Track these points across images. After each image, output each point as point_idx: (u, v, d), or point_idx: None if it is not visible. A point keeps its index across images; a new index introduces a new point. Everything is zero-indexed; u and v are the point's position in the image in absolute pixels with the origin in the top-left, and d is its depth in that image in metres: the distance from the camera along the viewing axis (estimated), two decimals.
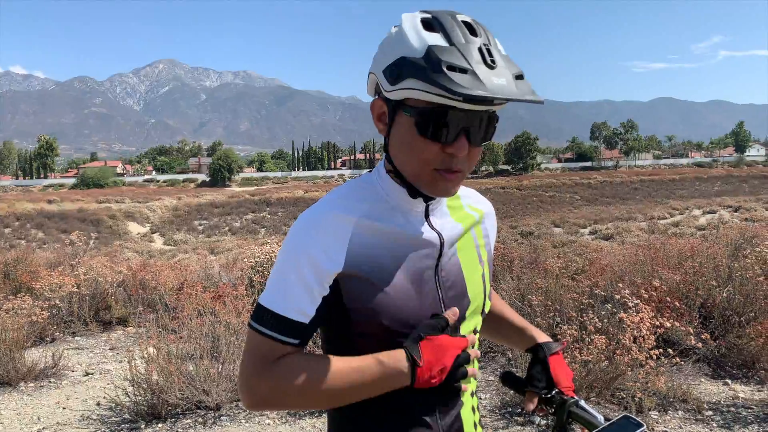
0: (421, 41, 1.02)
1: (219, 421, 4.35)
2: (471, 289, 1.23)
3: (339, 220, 1.11)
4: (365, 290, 1.11)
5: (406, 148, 1.09)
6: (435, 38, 1.02)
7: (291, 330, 1.10)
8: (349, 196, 1.16)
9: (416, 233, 1.16)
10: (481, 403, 4.45)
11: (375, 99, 1.14)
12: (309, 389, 1.08)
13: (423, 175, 1.10)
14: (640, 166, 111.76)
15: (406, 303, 1.13)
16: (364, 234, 1.12)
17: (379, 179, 1.19)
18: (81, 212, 57.21)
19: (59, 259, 10.01)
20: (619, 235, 29.31)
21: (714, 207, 43.22)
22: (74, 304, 7.29)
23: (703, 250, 6.53)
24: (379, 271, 1.12)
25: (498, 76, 0.99)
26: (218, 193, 77.18)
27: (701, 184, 79.95)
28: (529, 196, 69.83)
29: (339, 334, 1.17)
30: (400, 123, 1.08)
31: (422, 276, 1.16)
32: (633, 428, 1.15)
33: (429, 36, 1.03)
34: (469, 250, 1.25)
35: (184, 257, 23.66)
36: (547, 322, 4.95)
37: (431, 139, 1.05)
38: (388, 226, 1.14)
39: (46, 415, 4.68)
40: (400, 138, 1.09)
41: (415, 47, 1.02)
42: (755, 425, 3.86)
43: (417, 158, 1.08)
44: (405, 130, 1.08)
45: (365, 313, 1.11)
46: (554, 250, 13.93)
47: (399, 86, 1.03)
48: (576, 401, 1.27)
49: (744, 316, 5.02)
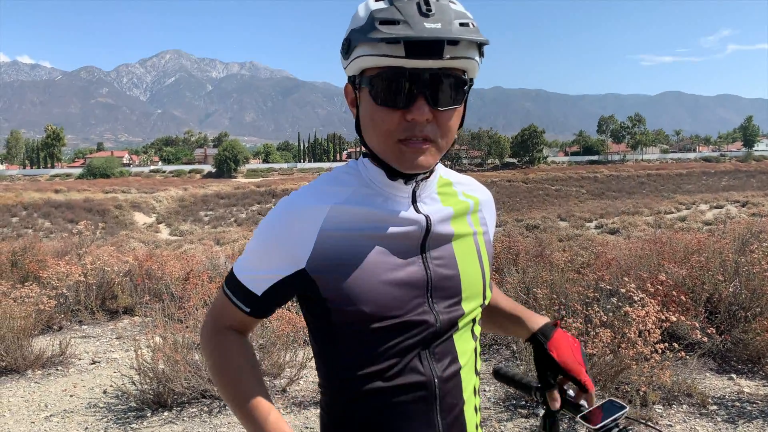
0: (366, 10, 1.04)
1: (224, 410, 4.38)
2: (465, 277, 1.18)
3: (309, 211, 1.11)
4: (341, 278, 1.08)
5: (369, 122, 1.07)
6: (379, 5, 1.03)
7: (244, 297, 1.18)
8: (328, 184, 1.16)
9: (399, 215, 1.12)
10: (485, 395, 4.46)
11: (346, 84, 1.13)
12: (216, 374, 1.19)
13: (389, 149, 1.07)
14: (647, 160, 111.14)
15: (387, 288, 1.09)
16: (338, 220, 1.10)
17: (362, 164, 1.17)
18: (87, 202, 57.47)
19: (66, 248, 10.07)
20: (625, 229, 29.23)
21: (721, 202, 43.02)
22: (81, 293, 7.33)
23: (709, 245, 6.51)
24: (354, 257, 1.09)
25: (433, 22, 0.97)
26: (224, 184, 77.33)
27: (708, 179, 79.56)
28: (535, 190, 69.66)
29: (320, 326, 1.15)
30: (362, 99, 1.08)
31: (406, 259, 1.12)
32: (616, 410, 1.20)
33: (374, 4, 1.03)
34: (465, 238, 1.20)
35: (190, 247, 23.74)
36: (552, 315, 4.95)
37: (388, 107, 1.03)
38: (368, 209, 1.11)
39: (54, 402, 4.72)
40: (364, 114, 1.09)
41: (361, 17, 1.04)
42: (760, 420, 3.86)
43: (380, 131, 1.06)
44: (366, 104, 1.07)
45: (343, 301, 1.09)
46: (560, 244, 13.91)
47: (351, 58, 1.05)
48: (564, 390, 1.32)
49: (750, 311, 5.00)
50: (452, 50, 0.98)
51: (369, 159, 1.15)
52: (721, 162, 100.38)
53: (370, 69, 1.04)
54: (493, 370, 1.51)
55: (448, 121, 1.06)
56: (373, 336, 1.09)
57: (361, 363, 1.11)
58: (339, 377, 1.14)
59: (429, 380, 1.12)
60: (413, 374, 1.11)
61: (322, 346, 1.16)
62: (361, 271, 1.09)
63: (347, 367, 1.12)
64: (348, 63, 1.06)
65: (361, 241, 1.10)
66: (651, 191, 69.23)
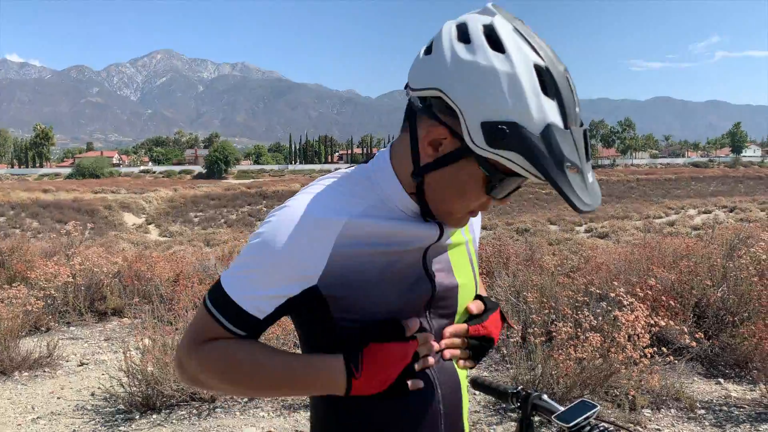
0: (539, 112, 0.88)
1: (214, 412, 4.36)
2: (462, 290, 1.17)
3: (323, 224, 1.01)
4: (355, 297, 1.03)
5: (456, 192, 1.01)
6: (553, 111, 0.89)
7: (242, 321, 1.03)
8: (341, 193, 1.06)
9: (415, 227, 1.07)
10: (475, 398, 4.47)
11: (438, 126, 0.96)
12: (233, 374, 1.03)
13: (456, 215, 1.05)
14: (636, 164, 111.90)
15: (395, 301, 1.06)
16: (354, 235, 1.02)
17: (381, 181, 1.07)
18: (76, 202, 57.00)
19: (54, 248, 9.96)
20: (614, 233, 29.35)
21: (709, 207, 43.33)
22: (69, 294, 7.27)
23: (698, 250, 6.56)
24: (370, 274, 1.03)
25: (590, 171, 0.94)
26: (214, 185, 76.95)
27: (697, 184, 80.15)
28: (525, 193, 69.82)
29: (320, 342, 1.09)
30: (464, 169, 0.97)
31: (413, 270, 1.08)
32: (588, 409, 1.24)
33: (548, 106, 0.89)
34: (459, 248, 1.18)
35: (180, 249, 23.61)
36: (542, 319, 4.97)
37: (488, 194, 0.99)
38: (387, 224, 1.04)
39: (41, 404, 4.68)
40: (454, 180, 0.99)
41: (532, 116, 0.88)
42: (747, 424, 3.89)
43: (464, 204, 1.03)
44: (466, 178, 0.98)
45: (355, 320, 1.04)
46: (550, 248, 13.95)
47: (498, 152, 0.90)
48: (539, 394, 1.38)
49: (738, 315, 5.05)
50: None
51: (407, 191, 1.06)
52: (709, 167, 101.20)
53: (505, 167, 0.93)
54: (470, 379, 1.53)
55: None
56: None
57: None
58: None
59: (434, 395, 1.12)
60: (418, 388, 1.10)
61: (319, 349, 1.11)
62: (376, 289, 1.04)
63: None
64: (488, 151, 0.90)
65: (377, 257, 1.04)
66: (640, 196, 69.65)
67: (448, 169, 0.99)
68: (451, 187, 1.00)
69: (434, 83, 0.94)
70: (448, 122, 0.95)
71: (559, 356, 4.06)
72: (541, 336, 4.43)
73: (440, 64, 0.94)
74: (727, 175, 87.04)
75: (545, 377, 4.17)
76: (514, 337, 4.69)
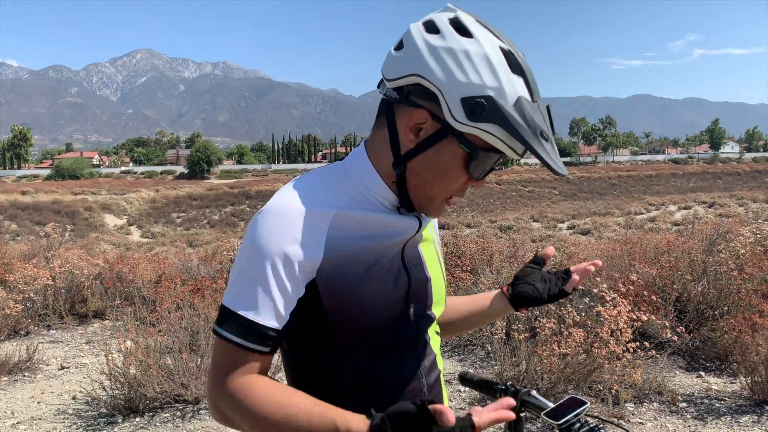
0: (511, 86, 0.97)
1: (198, 414, 4.32)
2: (434, 282, 1.20)
3: (315, 215, 1.02)
4: (345, 289, 1.04)
5: (438, 174, 1.04)
6: (521, 86, 0.98)
7: (261, 336, 0.99)
8: (323, 186, 1.08)
9: (396, 219, 1.10)
10: (460, 396, 4.48)
11: (418, 110, 1.01)
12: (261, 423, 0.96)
13: (437, 201, 1.09)
14: (617, 162, 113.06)
15: (384, 295, 1.08)
16: (343, 227, 1.04)
17: (359, 175, 1.10)
18: (56, 204, 56.23)
19: (33, 251, 9.81)
20: (596, 230, 29.64)
21: (689, 203, 43.94)
22: (49, 297, 7.17)
23: (678, 245, 6.65)
24: (358, 264, 1.05)
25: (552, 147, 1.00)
26: (197, 185, 76.40)
27: (677, 180, 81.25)
28: (508, 191, 70.26)
29: (308, 335, 1.08)
30: (445, 149, 1.01)
31: (395, 263, 1.11)
32: (578, 406, 1.24)
33: (517, 81, 0.98)
34: (427, 243, 1.22)
35: (162, 250, 23.40)
36: (525, 315, 5.00)
37: (469, 174, 1.04)
38: (370, 215, 1.07)
39: (21, 409, 4.60)
40: (436, 162, 1.03)
41: (504, 90, 0.96)
42: (728, 416, 3.95)
43: (445, 186, 1.06)
44: (448, 158, 1.02)
45: (344, 312, 1.05)
46: (533, 245, 14.06)
47: (478, 125, 0.96)
48: (528, 390, 1.38)
49: (718, 309, 5.12)
50: None
51: (387, 182, 1.09)
52: (689, 164, 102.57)
53: (483, 142, 0.99)
54: (459, 375, 1.56)
55: None
56: (365, 347, 1.09)
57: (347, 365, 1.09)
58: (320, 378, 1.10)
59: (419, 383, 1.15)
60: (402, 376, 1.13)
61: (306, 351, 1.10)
62: (365, 282, 1.06)
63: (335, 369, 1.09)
64: (469, 125, 0.96)
65: (364, 249, 1.06)
66: (622, 192, 70.42)
67: (430, 152, 1.03)
68: (433, 169, 1.04)
69: (411, 70, 1.00)
70: (427, 106, 1.00)
71: (543, 352, 4.08)
72: (525, 332, 4.45)
73: (415, 53, 1.00)
74: (706, 172, 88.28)
75: (529, 373, 4.19)
76: (499, 334, 4.71)
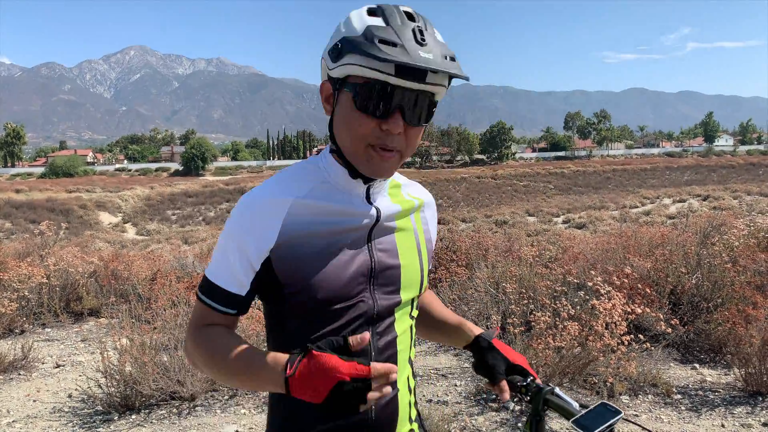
0: (362, 23, 1.12)
1: (194, 411, 4.32)
2: (405, 268, 1.29)
3: (273, 203, 1.18)
4: (299, 267, 1.18)
5: (344, 123, 1.16)
6: (375, 21, 1.12)
7: (227, 300, 1.22)
8: (289, 179, 1.24)
9: (355, 209, 1.23)
10: (456, 390, 4.49)
11: (323, 82, 1.22)
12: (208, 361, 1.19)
13: (359, 151, 1.16)
14: (612, 155, 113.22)
15: (338, 274, 1.19)
16: (300, 213, 1.19)
17: (324, 161, 1.26)
18: (50, 202, 55.98)
19: (28, 249, 9.77)
20: (591, 223, 29.72)
21: (684, 196, 44.11)
22: (44, 296, 7.14)
23: (673, 238, 6.67)
24: (312, 246, 1.19)
25: (426, 51, 1.08)
26: (192, 182, 76.18)
27: (671, 174, 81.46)
28: (503, 186, 70.31)
29: (274, 312, 1.26)
30: (341, 101, 1.16)
31: (357, 249, 1.23)
32: (611, 416, 1.12)
33: (370, 19, 1.13)
34: (407, 233, 1.32)
35: (157, 247, 23.35)
36: (521, 309, 5.01)
37: (367, 114, 1.12)
38: (327, 204, 1.21)
39: (16, 408, 4.59)
40: (341, 115, 1.17)
41: (356, 28, 1.12)
42: (722, 408, 3.97)
43: (354, 133, 1.15)
44: (345, 107, 1.15)
45: (298, 288, 1.18)
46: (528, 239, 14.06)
47: (340, 62, 1.12)
48: (551, 389, 1.28)
49: (712, 302, 5.14)
50: (433, 77, 1.11)
51: (334, 156, 1.24)
52: (683, 157, 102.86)
53: (356, 77, 1.12)
54: (472, 363, 1.49)
55: (415, 137, 1.19)
56: (320, 319, 1.20)
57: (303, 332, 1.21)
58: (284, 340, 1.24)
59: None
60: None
61: (274, 326, 1.27)
62: (317, 261, 1.19)
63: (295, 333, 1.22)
64: (335, 66, 1.14)
65: (320, 233, 1.20)
66: (616, 186, 70.57)
67: (336, 110, 1.19)
68: (341, 124, 1.18)
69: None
70: (325, 77, 1.21)
71: (539, 345, 4.10)
72: (521, 326, 4.46)
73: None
74: (701, 165, 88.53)
75: None
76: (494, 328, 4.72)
